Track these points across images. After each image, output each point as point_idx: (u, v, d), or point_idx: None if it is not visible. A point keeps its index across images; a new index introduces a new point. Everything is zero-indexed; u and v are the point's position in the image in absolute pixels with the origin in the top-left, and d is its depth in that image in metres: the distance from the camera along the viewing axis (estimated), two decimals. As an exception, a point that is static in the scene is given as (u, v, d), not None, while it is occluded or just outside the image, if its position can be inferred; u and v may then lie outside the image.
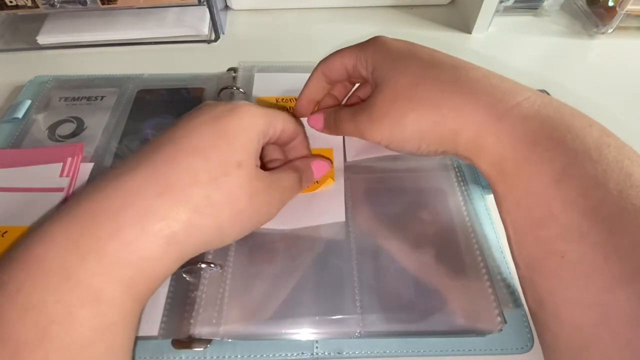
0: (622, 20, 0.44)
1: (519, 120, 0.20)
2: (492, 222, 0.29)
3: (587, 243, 0.17)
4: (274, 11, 0.50)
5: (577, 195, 0.18)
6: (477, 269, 0.26)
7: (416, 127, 0.23)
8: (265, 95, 0.37)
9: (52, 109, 0.36)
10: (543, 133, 0.19)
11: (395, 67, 0.24)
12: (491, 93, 0.21)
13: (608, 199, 0.17)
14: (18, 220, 0.27)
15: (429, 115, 0.22)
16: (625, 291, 0.16)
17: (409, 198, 0.29)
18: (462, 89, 0.22)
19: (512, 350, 0.24)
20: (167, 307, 0.25)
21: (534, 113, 0.20)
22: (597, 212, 0.17)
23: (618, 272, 0.16)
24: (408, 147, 0.24)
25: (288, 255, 0.26)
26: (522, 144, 0.20)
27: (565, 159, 0.18)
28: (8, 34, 0.45)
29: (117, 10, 0.42)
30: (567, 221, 0.18)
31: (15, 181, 0.30)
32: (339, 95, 0.31)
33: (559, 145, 0.19)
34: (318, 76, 0.28)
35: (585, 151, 0.18)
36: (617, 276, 0.16)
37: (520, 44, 0.46)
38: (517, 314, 0.25)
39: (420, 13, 0.50)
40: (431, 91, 0.22)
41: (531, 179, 0.19)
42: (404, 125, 0.23)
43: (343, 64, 0.27)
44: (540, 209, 0.19)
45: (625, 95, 0.40)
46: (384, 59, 0.24)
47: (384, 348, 0.24)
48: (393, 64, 0.24)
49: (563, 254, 0.18)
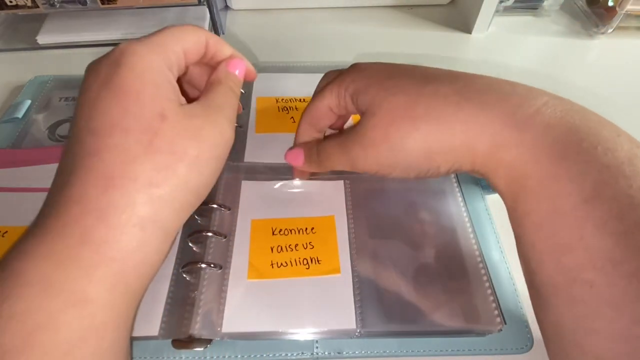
0: (622, 20, 0.44)
1: (541, 129, 0.18)
2: (492, 222, 0.29)
3: (620, 272, 0.15)
4: (274, 11, 0.50)
5: (609, 218, 0.16)
6: (476, 269, 0.26)
7: (422, 148, 0.20)
8: (265, 95, 0.37)
9: (52, 109, 0.36)
10: (570, 145, 0.17)
11: (384, 88, 0.22)
12: (505, 99, 0.19)
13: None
14: (18, 221, 0.27)
15: (436, 133, 0.20)
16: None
17: (409, 198, 0.29)
18: (469, 99, 0.20)
19: (512, 350, 0.24)
20: (167, 307, 0.25)
21: (557, 120, 0.18)
22: (632, 237, 0.15)
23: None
24: (414, 172, 0.22)
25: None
26: (548, 159, 0.18)
27: (597, 176, 0.16)
28: (8, 34, 0.45)
29: (117, 10, 0.42)
30: (597, 247, 0.16)
31: (15, 181, 0.30)
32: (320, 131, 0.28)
33: (589, 159, 0.17)
34: (305, 129, 0.26)
35: (618, 166, 0.16)
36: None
37: (520, 44, 0.46)
38: (517, 314, 0.25)
39: (420, 13, 0.50)
40: (433, 107, 0.20)
41: (558, 199, 0.17)
42: (407, 149, 0.21)
43: (326, 107, 0.25)
44: (567, 232, 0.17)
45: (626, 95, 0.40)
46: (368, 83, 0.22)
47: (384, 348, 0.24)
48: (380, 86, 0.22)
49: (591, 283, 0.16)
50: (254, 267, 0.26)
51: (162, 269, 0.26)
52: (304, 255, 0.26)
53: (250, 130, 0.34)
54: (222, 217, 0.28)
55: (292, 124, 0.35)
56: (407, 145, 0.21)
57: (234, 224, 0.28)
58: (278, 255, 0.26)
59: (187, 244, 0.27)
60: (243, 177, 0.31)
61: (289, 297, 0.25)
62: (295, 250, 0.27)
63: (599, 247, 0.16)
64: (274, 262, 0.26)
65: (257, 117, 0.35)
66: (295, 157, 0.27)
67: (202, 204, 0.29)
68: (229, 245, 0.27)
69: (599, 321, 0.16)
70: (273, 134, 0.34)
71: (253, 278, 0.25)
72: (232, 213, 0.29)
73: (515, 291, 0.26)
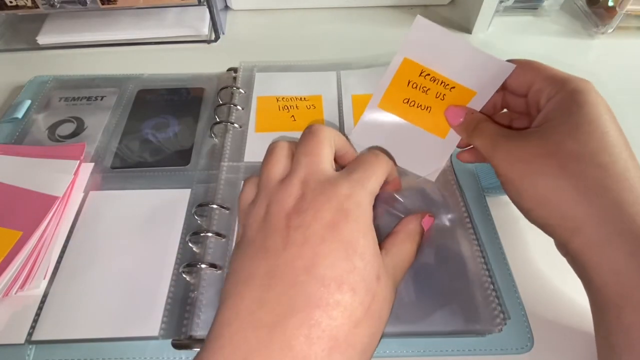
0: (622, 20, 0.44)
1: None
2: (492, 222, 0.29)
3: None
4: (274, 11, 0.50)
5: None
6: (476, 269, 0.25)
7: (547, 192, 0.20)
8: (266, 95, 0.37)
9: (52, 109, 0.36)
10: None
11: (575, 127, 0.20)
12: (629, 203, 0.19)
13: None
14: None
15: (568, 193, 0.20)
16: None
17: (409, 198, 0.29)
18: (618, 192, 0.19)
19: (512, 350, 0.24)
20: (167, 308, 0.25)
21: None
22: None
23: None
24: (521, 201, 0.22)
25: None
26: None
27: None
28: (8, 34, 0.45)
29: (117, 10, 0.42)
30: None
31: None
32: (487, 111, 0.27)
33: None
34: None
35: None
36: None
37: (520, 44, 0.46)
38: (517, 314, 0.25)
39: (420, 13, 0.49)
40: (588, 173, 0.19)
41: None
42: (536, 182, 0.21)
43: (530, 80, 0.24)
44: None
45: (626, 95, 0.40)
46: (573, 109, 0.21)
47: (384, 348, 0.24)
48: (576, 123, 0.21)
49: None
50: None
51: (162, 269, 0.26)
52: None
53: (250, 129, 0.34)
54: (222, 218, 0.28)
55: (293, 123, 0.34)
56: (536, 179, 0.21)
57: (233, 224, 0.28)
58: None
59: (187, 245, 0.27)
60: (240, 177, 0.31)
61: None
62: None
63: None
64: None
65: (257, 116, 0.35)
66: (456, 114, 0.26)
67: (202, 204, 0.29)
68: (229, 245, 0.27)
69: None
70: (273, 133, 0.34)
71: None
72: (231, 213, 0.29)
73: (515, 291, 0.26)
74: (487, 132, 0.24)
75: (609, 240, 0.19)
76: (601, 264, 0.19)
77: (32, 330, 0.24)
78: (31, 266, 0.26)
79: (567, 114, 0.21)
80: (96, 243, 0.28)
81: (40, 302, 0.25)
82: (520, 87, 0.24)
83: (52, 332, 0.24)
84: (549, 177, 0.20)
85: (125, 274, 0.26)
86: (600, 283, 0.19)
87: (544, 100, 0.23)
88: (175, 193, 0.31)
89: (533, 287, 0.27)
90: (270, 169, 0.22)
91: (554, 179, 0.20)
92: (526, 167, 0.21)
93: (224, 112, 0.36)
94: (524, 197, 0.22)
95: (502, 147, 0.23)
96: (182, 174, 0.32)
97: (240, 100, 0.36)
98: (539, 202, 0.21)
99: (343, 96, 0.37)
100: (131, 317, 0.24)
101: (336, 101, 0.37)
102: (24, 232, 0.27)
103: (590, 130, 0.20)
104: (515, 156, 0.22)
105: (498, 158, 0.23)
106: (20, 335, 0.24)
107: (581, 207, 0.19)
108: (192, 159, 0.33)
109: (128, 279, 0.26)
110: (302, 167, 0.21)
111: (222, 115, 0.35)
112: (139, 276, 0.26)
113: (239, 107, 0.35)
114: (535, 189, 0.21)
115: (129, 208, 0.30)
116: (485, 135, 0.24)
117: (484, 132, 0.24)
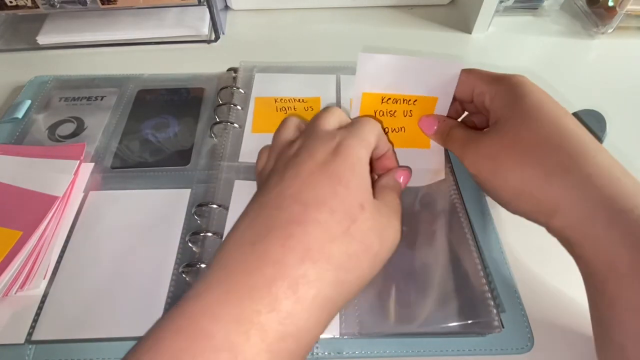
0: (622, 20, 0.44)
1: (634, 226, 0.18)
2: (492, 222, 0.29)
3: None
4: (274, 11, 0.50)
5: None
6: (476, 269, 0.25)
7: (518, 184, 0.22)
8: (265, 95, 0.37)
9: (52, 109, 0.36)
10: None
11: (523, 117, 0.22)
12: (608, 185, 0.20)
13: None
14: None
15: (536, 180, 0.21)
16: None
17: (408, 199, 0.29)
18: (581, 168, 0.20)
19: (512, 350, 0.24)
20: (167, 308, 0.25)
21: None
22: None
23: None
24: (498, 195, 0.23)
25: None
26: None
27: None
28: (8, 34, 0.45)
29: (117, 10, 0.42)
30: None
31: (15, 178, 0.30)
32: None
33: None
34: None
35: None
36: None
37: (520, 44, 0.46)
38: (517, 314, 0.25)
39: (420, 13, 0.50)
40: (549, 157, 0.21)
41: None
42: (506, 177, 0.22)
43: (471, 86, 0.26)
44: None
45: (625, 95, 0.40)
46: (516, 102, 0.23)
47: (384, 348, 0.24)
48: (523, 113, 0.22)
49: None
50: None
51: (162, 269, 0.26)
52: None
53: (247, 130, 0.34)
54: (221, 218, 0.28)
55: (291, 124, 0.34)
56: (507, 173, 0.22)
57: (228, 224, 0.28)
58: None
59: (187, 245, 0.27)
60: (235, 177, 0.31)
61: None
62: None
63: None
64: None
65: (254, 117, 0.35)
66: (429, 124, 0.28)
67: (202, 204, 0.29)
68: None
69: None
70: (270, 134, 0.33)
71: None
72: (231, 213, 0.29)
73: (515, 291, 0.26)
74: (457, 136, 0.26)
75: (586, 216, 0.20)
76: (584, 239, 0.20)
77: (32, 330, 0.24)
78: (31, 266, 0.26)
79: (513, 107, 0.23)
80: (96, 243, 0.28)
81: (40, 302, 0.25)
82: (464, 93, 0.26)
83: (51, 332, 0.24)
84: (516, 168, 0.22)
85: (125, 274, 0.26)
86: (587, 258, 0.20)
87: (487, 101, 0.25)
88: (175, 193, 0.31)
89: (533, 287, 0.27)
90: (281, 135, 0.25)
91: (520, 170, 0.22)
92: (493, 163, 0.23)
93: (224, 112, 0.36)
94: (499, 192, 0.23)
95: (469, 148, 0.24)
96: (182, 174, 0.32)
97: (239, 100, 0.36)
98: (513, 193, 0.22)
99: (342, 99, 0.37)
100: (131, 317, 0.24)
101: (335, 104, 0.37)
102: (24, 232, 0.27)
103: (539, 116, 0.22)
104: (482, 155, 0.24)
105: (468, 159, 0.25)
106: (20, 335, 0.24)
107: (551, 190, 0.21)
108: (192, 159, 0.33)
109: (128, 279, 0.26)
110: (309, 129, 0.23)
111: (222, 115, 0.35)
112: (138, 276, 0.26)
113: (239, 107, 0.35)
114: (507, 182, 0.22)
115: (129, 208, 0.30)
116: (454, 139, 0.26)
117: (453, 137, 0.26)
